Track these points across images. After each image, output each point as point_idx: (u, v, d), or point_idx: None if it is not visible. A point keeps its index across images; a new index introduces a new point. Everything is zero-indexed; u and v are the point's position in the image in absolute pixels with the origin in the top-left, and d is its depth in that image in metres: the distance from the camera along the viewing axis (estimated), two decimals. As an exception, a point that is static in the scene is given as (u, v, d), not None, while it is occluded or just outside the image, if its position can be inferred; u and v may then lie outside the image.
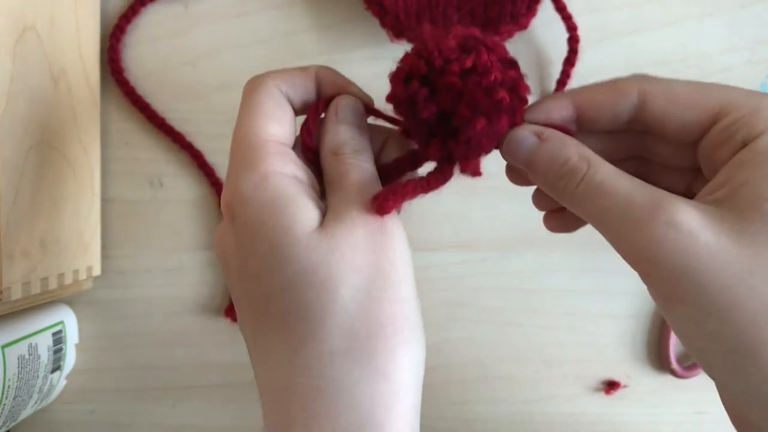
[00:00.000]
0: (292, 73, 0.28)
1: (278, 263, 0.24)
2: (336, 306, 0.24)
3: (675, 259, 0.21)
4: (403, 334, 0.24)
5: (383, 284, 0.24)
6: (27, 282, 0.37)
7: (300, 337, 0.24)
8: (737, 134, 0.23)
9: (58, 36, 0.39)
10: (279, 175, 0.25)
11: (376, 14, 0.43)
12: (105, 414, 0.46)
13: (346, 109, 0.28)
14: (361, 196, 0.25)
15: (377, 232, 0.25)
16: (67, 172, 0.40)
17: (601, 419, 0.46)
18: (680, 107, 0.24)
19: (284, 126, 0.27)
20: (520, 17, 0.43)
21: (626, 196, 0.23)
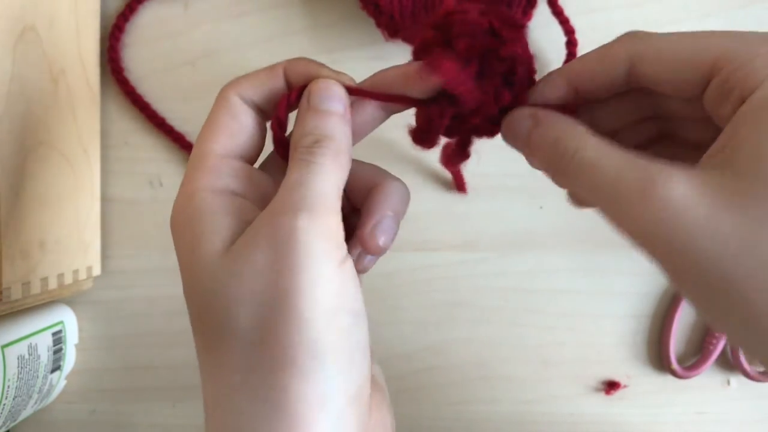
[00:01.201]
0: (256, 75, 0.27)
1: (188, 287, 0.24)
2: (234, 337, 0.22)
3: (673, 238, 0.20)
4: (298, 364, 0.21)
5: (281, 309, 0.22)
6: (27, 282, 0.37)
7: (210, 366, 0.23)
8: (734, 90, 0.21)
9: (57, 36, 0.39)
10: (204, 192, 0.24)
11: (372, 14, 0.43)
12: (105, 414, 0.46)
13: (318, 94, 0.26)
14: (278, 208, 0.23)
15: (283, 247, 0.22)
16: (66, 171, 0.40)
17: (601, 419, 0.46)
18: (671, 67, 0.23)
19: (235, 137, 0.26)
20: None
21: (617, 173, 0.22)
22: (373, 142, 0.45)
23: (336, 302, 0.22)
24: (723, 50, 0.22)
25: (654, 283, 0.46)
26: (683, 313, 0.45)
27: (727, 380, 0.46)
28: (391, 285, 0.46)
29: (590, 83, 0.25)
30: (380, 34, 0.43)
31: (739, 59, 0.21)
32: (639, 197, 0.21)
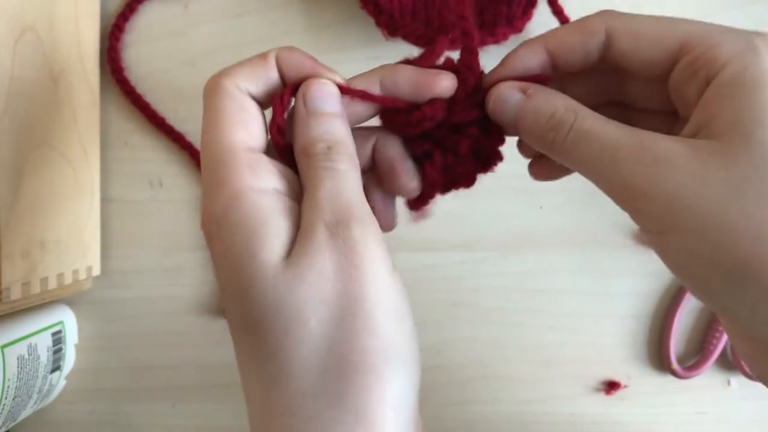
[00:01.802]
0: (249, 64, 0.26)
1: (245, 296, 0.23)
2: (305, 343, 0.22)
3: (665, 190, 0.22)
4: (377, 370, 0.22)
5: (353, 316, 0.22)
6: (27, 282, 0.37)
7: (271, 374, 0.23)
8: (700, 71, 0.23)
9: (57, 36, 0.39)
10: (250, 192, 0.23)
11: (372, 13, 0.43)
12: (104, 414, 0.46)
13: (315, 96, 0.25)
14: (331, 211, 0.23)
15: (346, 257, 0.22)
16: (67, 172, 0.40)
17: (601, 419, 0.46)
18: (644, 44, 0.24)
19: (251, 129, 0.25)
20: (516, 20, 0.43)
21: (614, 140, 0.23)
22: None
23: (399, 308, 0.23)
24: (691, 34, 0.24)
25: (654, 283, 0.46)
26: (683, 313, 0.45)
27: (728, 380, 0.46)
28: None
29: (568, 54, 0.26)
30: (379, 34, 0.43)
31: (706, 43, 0.23)
32: (637, 158, 0.22)
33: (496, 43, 0.43)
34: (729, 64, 0.22)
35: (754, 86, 0.22)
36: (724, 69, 0.22)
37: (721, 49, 0.23)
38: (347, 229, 0.23)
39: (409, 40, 0.43)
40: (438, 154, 0.28)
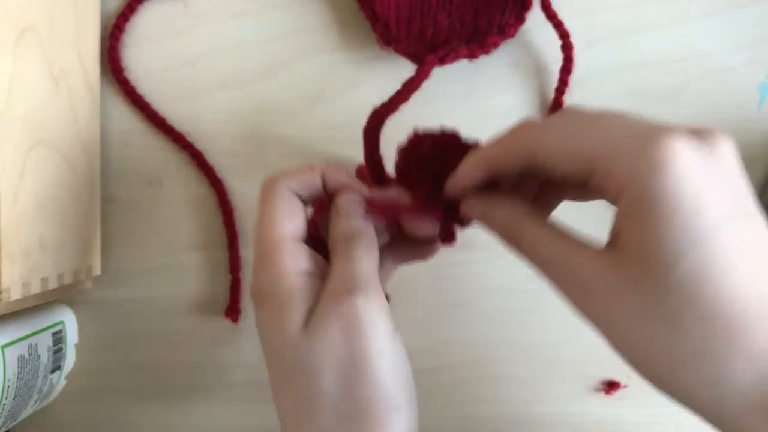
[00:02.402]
0: (301, 172, 0.33)
1: (278, 354, 0.29)
2: (321, 394, 0.28)
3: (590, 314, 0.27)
4: (379, 417, 0.27)
5: (359, 374, 0.28)
6: (27, 282, 0.37)
7: (298, 417, 0.29)
8: (609, 189, 0.25)
9: (57, 36, 0.39)
10: (289, 275, 0.30)
11: (368, 18, 0.43)
12: (105, 414, 0.47)
13: (346, 203, 0.32)
14: (341, 285, 0.29)
15: (351, 326, 0.28)
16: (67, 172, 0.40)
17: (601, 419, 0.46)
18: (559, 164, 0.27)
19: (295, 222, 0.31)
20: (508, 28, 0.43)
21: (548, 260, 0.28)
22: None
23: (399, 367, 0.29)
24: (595, 153, 0.26)
25: (654, 283, 0.46)
26: (683, 313, 0.45)
27: (728, 380, 0.46)
28: (391, 285, 0.46)
29: (500, 170, 0.30)
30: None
31: (609, 161, 0.25)
32: (566, 281, 0.27)
33: (486, 53, 0.43)
34: (630, 185, 0.25)
35: (648, 215, 0.24)
36: (627, 190, 0.25)
37: (619, 171, 0.25)
38: (352, 299, 0.28)
39: (401, 54, 0.43)
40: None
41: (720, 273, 0.24)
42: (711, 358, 0.24)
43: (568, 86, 0.44)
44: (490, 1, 0.43)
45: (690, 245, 0.24)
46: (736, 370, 0.24)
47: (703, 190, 0.24)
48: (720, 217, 0.24)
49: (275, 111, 0.45)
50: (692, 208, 0.24)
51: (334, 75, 0.45)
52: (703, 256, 0.24)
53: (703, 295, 0.24)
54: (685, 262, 0.24)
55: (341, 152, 0.45)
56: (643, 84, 0.45)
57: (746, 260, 0.24)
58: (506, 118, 0.45)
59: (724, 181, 0.25)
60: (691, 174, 0.24)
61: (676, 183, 0.24)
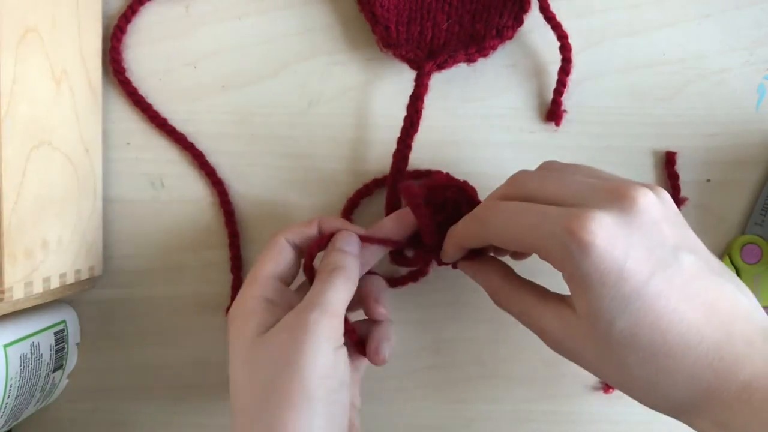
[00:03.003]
0: (298, 225, 0.39)
1: (235, 356, 0.35)
2: (255, 385, 0.33)
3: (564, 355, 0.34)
4: (296, 405, 0.31)
5: (288, 368, 0.32)
6: (29, 282, 0.37)
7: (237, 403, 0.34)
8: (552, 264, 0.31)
9: (59, 37, 0.39)
10: (252, 298, 0.36)
11: (368, 20, 0.44)
12: (106, 413, 0.47)
13: (340, 240, 0.38)
14: (301, 306, 0.34)
15: (295, 334, 0.33)
16: (69, 172, 0.41)
17: (599, 418, 0.46)
18: (507, 248, 0.38)
19: (279, 264, 0.38)
20: (506, 30, 0.43)
21: (522, 318, 0.35)
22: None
23: (328, 371, 0.33)
24: (529, 245, 0.32)
25: (653, 283, 0.46)
26: (682, 313, 0.46)
27: (726, 379, 0.46)
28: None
29: (471, 246, 0.37)
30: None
31: (542, 250, 0.31)
32: (540, 333, 0.34)
33: (484, 56, 0.44)
34: (562, 267, 0.31)
35: (582, 290, 0.30)
36: (562, 270, 0.31)
37: (552, 259, 0.31)
38: (309, 313, 0.33)
39: (401, 60, 0.43)
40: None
41: (651, 322, 0.29)
42: (658, 388, 0.30)
43: (566, 87, 0.44)
44: (489, 3, 0.43)
45: (622, 306, 0.29)
46: (677, 393, 0.30)
47: (625, 254, 0.29)
48: (644, 275, 0.29)
49: (276, 112, 0.46)
50: (618, 277, 0.29)
51: (335, 76, 0.46)
52: (634, 312, 0.29)
53: (640, 342, 0.29)
54: (620, 322, 0.29)
55: (341, 152, 0.46)
56: (642, 85, 0.45)
57: (672, 302, 0.29)
58: (505, 120, 0.46)
59: (643, 237, 0.29)
60: (612, 247, 0.29)
61: (598, 261, 0.29)
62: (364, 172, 0.45)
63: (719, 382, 0.29)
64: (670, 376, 0.29)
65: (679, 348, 0.29)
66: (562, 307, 0.32)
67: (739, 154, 0.46)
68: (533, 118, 0.45)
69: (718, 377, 0.29)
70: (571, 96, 0.45)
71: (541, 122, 0.45)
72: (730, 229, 0.46)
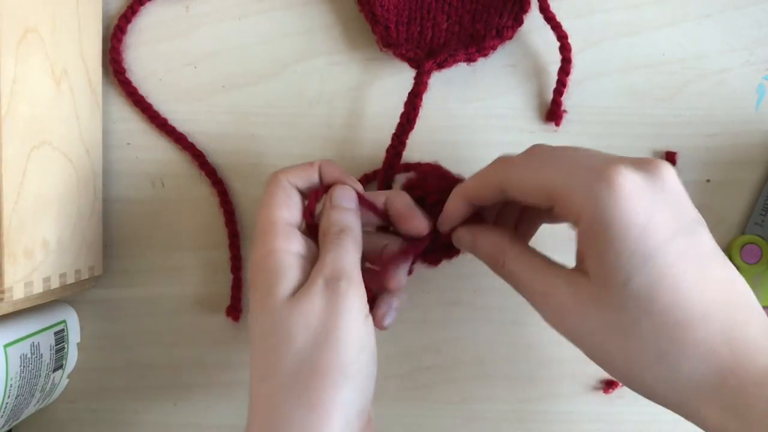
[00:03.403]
0: (300, 167, 0.37)
1: (261, 315, 0.33)
2: (289, 353, 0.31)
3: (565, 329, 0.32)
4: (334, 380, 0.30)
5: (326, 342, 0.31)
6: (29, 282, 0.37)
7: (264, 373, 0.32)
8: (568, 216, 0.30)
9: (59, 37, 0.39)
10: (280, 252, 0.33)
11: (368, 20, 0.44)
12: (107, 412, 0.47)
13: (338, 196, 0.36)
14: (330, 270, 0.33)
15: (331, 302, 0.31)
16: (69, 172, 0.41)
17: (599, 418, 0.46)
18: (527, 196, 0.32)
19: (291, 210, 0.35)
20: (506, 30, 0.43)
21: (527, 284, 0.33)
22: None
23: (362, 343, 0.32)
24: (552, 189, 0.30)
25: (652, 283, 0.46)
26: (681, 313, 0.46)
27: (726, 379, 0.46)
28: (391, 285, 0.46)
29: (480, 201, 0.35)
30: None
31: (562, 198, 0.30)
32: (543, 301, 0.32)
33: (484, 56, 0.44)
34: (582, 215, 0.29)
35: (602, 239, 0.28)
36: (581, 219, 0.29)
37: (574, 202, 0.29)
38: (337, 283, 0.32)
39: (401, 59, 0.43)
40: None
41: (669, 284, 0.27)
42: (667, 360, 0.28)
43: (566, 87, 0.44)
44: (489, 3, 0.44)
45: (641, 262, 0.27)
46: (689, 369, 0.28)
47: (650, 211, 0.28)
48: (667, 234, 0.28)
49: (276, 112, 0.46)
50: (642, 228, 0.27)
51: (335, 76, 0.46)
52: (653, 271, 0.27)
53: (656, 305, 0.27)
54: (638, 279, 0.27)
55: (341, 153, 0.46)
56: (641, 85, 0.45)
57: (691, 270, 0.28)
58: (505, 120, 0.46)
59: (667, 202, 0.28)
60: (638, 198, 0.28)
61: (625, 206, 0.27)
62: (364, 171, 0.45)
63: (736, 363, 0.27)
64: (684, 348, 0.27)
65: (696, 318, 0.27)
66: (571, 273, 0.31)
67: (739, 154, 0.46)
68: (533, 118, 0.46)
69: (735, 357, 0.27)
70: (571, 96, 0.45)
71: (541, 122, 0.45)
72: (730, 229, 0.46)
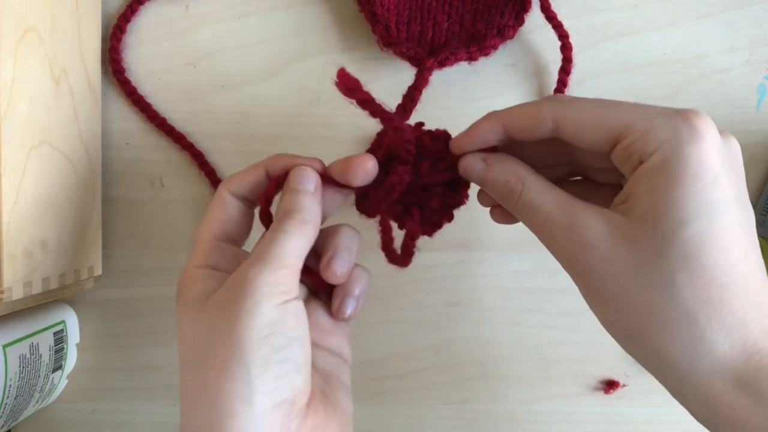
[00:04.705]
0: (242, 174, 0.35)
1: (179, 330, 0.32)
2: (193, 349, 0.30)
3: (584, 268, 0.28)
4: (228, 367, 0.29)
5: (223, 329, 0.29)
6: (28, 282, 0.37)
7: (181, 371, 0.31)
8: (634, 155, 0.27)
9: (59, 37, 0.39)
10: (193, 269, 0.33)
11: (368, 20, 0.44)
12: (106, 413, 0.47)
13: (292, 178, 0.33)
14: (246, 262, 0.31)
15: (232, 293, 0.30)
16: (68, 172, 0.41)
17: (599, 418, 0.46)
18: (587, 132, 0.29)
19: (224, 224, 0.34)
20: (507, 30, 0.43)
21: (549, 216, 0.29)
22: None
23: (270, 329, 0.29)
24: (627, 121, 0.28)
25: (653, 283, 0.46)
26: (682, 313, 0.46)
27: (726, 379, 0.46)
28: (391, 285, 0.46)
29: (521, 134, 0.31)
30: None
31: (639, 131, 0.27)
32: (565, 237, 0.28)
33: (486, 56, 0.44)
34: (656, 152, 0.27)
35: (671, 176, 0.26)
36: (652, 156, 0.27)
37: (652, 136, 0.27)
38: (248, 269, 0.30)
39: (401, 58, 0.43)
40: (415, 210, 0.33)
41: (723, 243, 0.26)
42: (695, 320, 0.26)
43: (567, 87, 0.44)
44: (489, 3, 0.43)
45: (703, 211, 0.26)
46: (713, 337, 0.26)
47: (722, 168, 0.26)
48: (731, 197, 0.26)
49: (275, 111, 0.46)
50: (713, 180, 0.26)
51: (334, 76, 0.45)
52: (712, 224, 0.26)
53: (702, 259, 0.26)
54: (695, 226, 0.26)
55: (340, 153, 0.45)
56: (642, 85, 0.45)
57: (741, 240, 0.26)
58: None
59: (734, 170, 0.27)
60: (716, 152, 0.26)
61: (704, 153, 0.26)
62: (364, 172, 0.45)
63: (765, 343, 0.26)
64: (717, 313, 0.26)
65: (737, 286, 0.26)
66: (605, 211, 0.28)
67: (739, 154, 0.46)
68: (533, 118, 0.46)
69: (765, 337, 0.26)
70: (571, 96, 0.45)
71: (542, 122, 0.45)
72: (731, 229, 0.46)
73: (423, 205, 0.33)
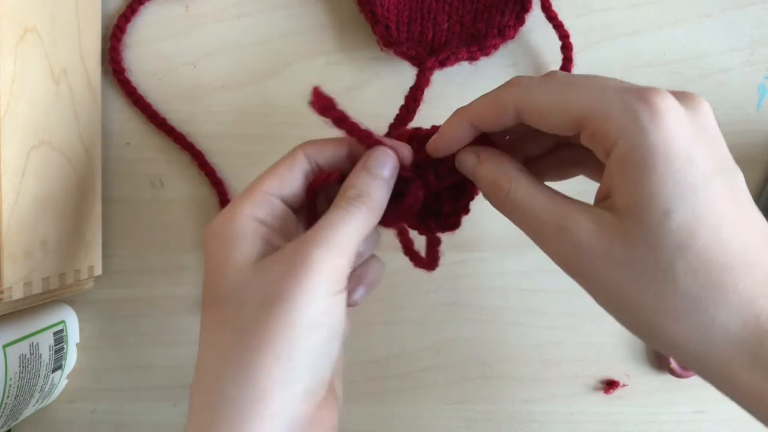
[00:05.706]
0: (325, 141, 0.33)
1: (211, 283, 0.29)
2: (234, 321, 0.28)
3: (584, 272, 0.27)
4: (276, 348, 0.27)
5: (277, 308, 0.27)
6: (28, 282, 0.37)
7: (207, 342, 0.29)
8: (598, 143, 0.26)
9: (59, 37, 0.39)
10: (243, 217, 0.30)
11: (368, 20, 0.44)
12: (106, 413, 0.47)
13: (374, 159, 0.31)
14: (307, 237, 0.29)
15: (292, 269, 0.28)
16: (68, 172, 0.41)
17: (600, 418, 0.46)
18: (548, 119, 0.28)
19: (284, 183, 0.31)
20: (508, 29, 0.43)
21: (538, 216, 0.28)
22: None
23: (321, 319, 0.28)
24: (585, 109, 0.26)
25: (653, 283, 0.46)
26: (682, 313, 0.46)
27: (726, 379, 0.46)
28: (391, 285, 0.46)
29: (487, 125, 0.30)
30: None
31: (599, 118, 0.26)
32: (556, 237, 0.27)
33: (486, 55, 0.44)
34: (619, 141, 0.25)
35: (642, 167, 0.25)
36: (616, 146, 0.26)
37: (611, 125, 0.26)
38: (313, 248, 0.28)
39: (402, 57, 0.43)
40: (431, 223, 0.34)
41: (712, 224, 0.25)
42: (702, 306, 0.25)
43: (567, 87, 0.44)
44: (490, 3, 0.43)
45: (686, 194, 0.25)
46: (723, 319, 0.25)
47: (693, 143, 0.25)
48: (709, 172, 0.25)
49: (276, 111, 0.46)
50: (686, 160, 0.25)
51: (334, 76, 0.45)
52: (696, 208, 0.25)
53: (696, 245, 0.25)
54: (680, 213, 0.25)
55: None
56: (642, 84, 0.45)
57: (732, 213, 0.25)
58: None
59: (707, 139, 0.26)
60: (682, 128, 0.25)
61: (669, 134, 0.25)
62: (364, 171, 0.45)
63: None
64: (722, 295, 0.25)
65: (737, 263, 0.25)
66: (592, 209, 0.27)
67: (739, 154, 0.45)
68: (533, 118, 0.45)
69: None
70: (571, 96, 0.45)
71: (542, 122, 0.45)
72: (731, 229, 0.46)
73: (437, 212, 0.33)
